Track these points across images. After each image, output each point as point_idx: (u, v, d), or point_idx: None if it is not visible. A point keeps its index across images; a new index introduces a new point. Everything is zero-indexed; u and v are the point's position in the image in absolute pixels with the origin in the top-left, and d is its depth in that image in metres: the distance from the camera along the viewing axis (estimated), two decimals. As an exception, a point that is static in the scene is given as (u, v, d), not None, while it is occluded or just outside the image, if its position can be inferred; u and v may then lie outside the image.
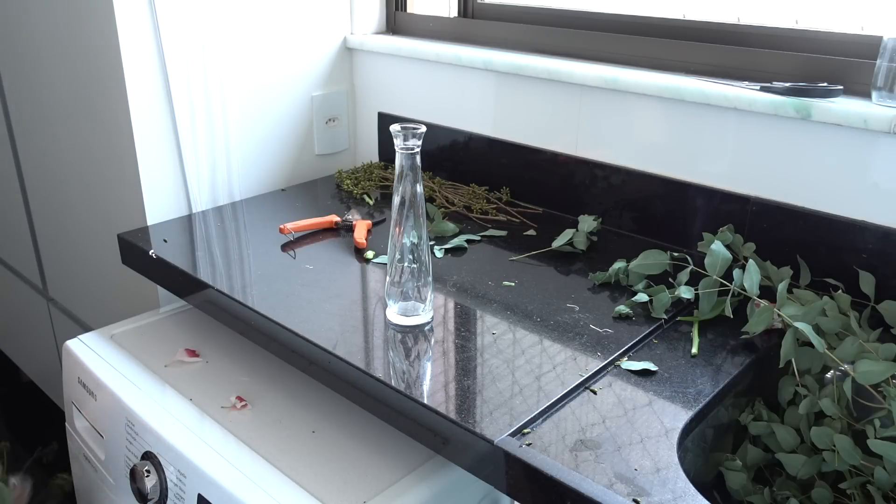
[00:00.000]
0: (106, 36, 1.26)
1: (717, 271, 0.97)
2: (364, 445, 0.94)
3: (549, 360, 0.89)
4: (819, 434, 0.83)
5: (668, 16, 1.28)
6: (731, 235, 1.08)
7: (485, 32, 1.49)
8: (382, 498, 0.86)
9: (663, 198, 1.21)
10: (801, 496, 0.85)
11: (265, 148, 1.51)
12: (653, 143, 1.21)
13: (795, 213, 1.07)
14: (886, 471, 0.77)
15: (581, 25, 1.37)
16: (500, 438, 0.74)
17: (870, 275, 0.98)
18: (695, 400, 0.82)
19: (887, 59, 0.98)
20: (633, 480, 0.70)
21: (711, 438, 0.88)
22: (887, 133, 0.97)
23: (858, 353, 0.85)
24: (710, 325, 0.97)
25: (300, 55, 1.52)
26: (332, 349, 0.90)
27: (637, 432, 0.76)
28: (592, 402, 0.82)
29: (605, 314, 1.00)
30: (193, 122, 1.35)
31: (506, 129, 1.41)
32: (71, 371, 1.16)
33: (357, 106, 1.65)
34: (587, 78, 1.25)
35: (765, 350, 0.93)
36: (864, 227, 1.01)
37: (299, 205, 1.41)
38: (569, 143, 1.32)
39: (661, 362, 0.89)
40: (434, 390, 0.83)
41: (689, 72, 1.21)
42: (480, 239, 1.24)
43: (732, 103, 1.09)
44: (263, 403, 1.02)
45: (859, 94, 1.04)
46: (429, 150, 1.52)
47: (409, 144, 0.90)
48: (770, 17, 1.18)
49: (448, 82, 1.47)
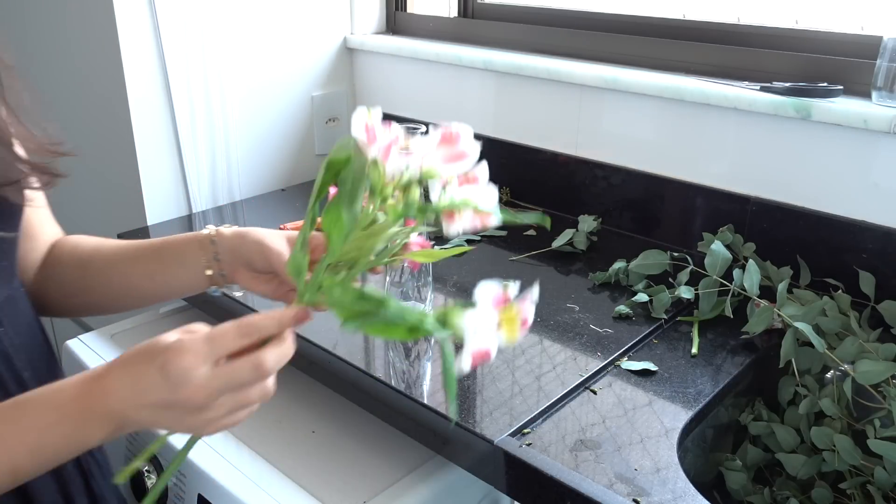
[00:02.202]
0: (106, 36, 1.26)
1: (717, 271, 0.97)
2: (364, 445, 0.94)
3: (549, 360, 0.89)
4: (819, 434, 0.83)
5: (668, 16, 1.28)
6: (731, 235, 1.08)
7: (485, 32, 1.49)
8: (382, 498, 0.86)
9: (663, 198, 1.21)
10: (801, 496, 0.85)
11: (265, 148, 1.51)
12: (653, 143, 1.21)
13: (795, 213, 1.07)
14: (886, 471, 0.77)
15: (581, 25, 1.37)
16: (500, 438, 0.74)
17: (870, 275, 0.98)
18: (695, 400, 0.82)
19: (887, 59, 0.98)
20: (633, 480, 0.70)
21: (711, 438, 0.88)
22: (887, 133, 0.97)
23: (858, 353, 0.85)
24: (710, 325, 0.97)
25: (300, 55, 1.52)
26: (332, 349, 0.90)
27: (637, 432, 0.76)
28: (592, 402, 0.82)
29: (605, 314, 1.00)
30: (193, 122, 1.35)
31: (506, 129, 1.40)
32: (71, 371, 1.15)
33: (357, 106, 1.65)
34: (587, 78, 1.24)
35: (765, 350, 0.93)
36: (864, 227, 1.01)
37: (299, 205, 1.41)
38: (569, 143, 1.32)
39: (661, 362, 0.89)
40: (434, 390, 0.83)
41: (689, 72, 1.21)
42: (480, 239, 1.24)
43: (732, 103, 1.09)
44: (263, 403, 1.02)
45: (859, 94, 1.04)
46: (429, 150, 1.52)
47: (409, 144, 0.89)
48: (770, 17, 1.18)
49: (448, 82, 1.47)
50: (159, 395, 0.51)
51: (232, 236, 0.71)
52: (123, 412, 0.51)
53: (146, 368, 0.51)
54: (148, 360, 0.51)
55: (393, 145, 0.54)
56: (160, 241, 0.74)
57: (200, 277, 0.72)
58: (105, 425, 0.52)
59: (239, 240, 0.70)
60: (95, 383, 0.52)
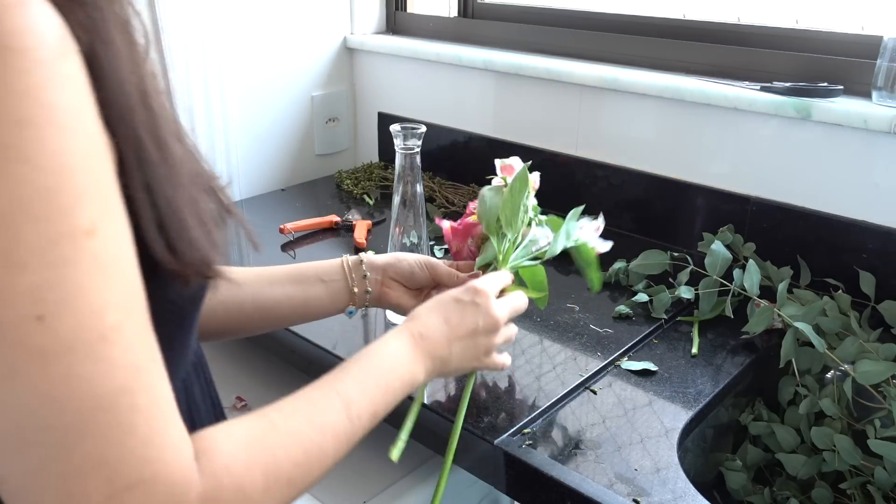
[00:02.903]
0: (106, 36, 1.26)
1: (717, 271, 0.97)
2: (364, 445, 0.94)
3: (549, 360, 0.89)
4: (819, 434, 0.83)
5: (668, 16, 1.28)
6: (731, 235, 1.08)
7: (485, 32, 1.49)
8: (382, 498, 0.86)
9: (663, 198, 1.21)
10: (801, 496, 0.85)
11: (265, 148, 1.51)
12: (653, 143, 1.21)
13: (795, 213, 1.07)
14: (886, 471, 0.77)
15: (581, 25, 1.37)
16: (500, 438, 0.74)
17: (870, 275, 0.98)
18: (695, 400, 0.82)
19: (887, 59, 0.98)
20: (633, 480, 0.70)
21: (711, 438, 0.88)
22: (887, 133, 0.97)
23: (858, 353, 0.85)
24: (710, 325, 0.97)
25: (300, 55, 1.52)
26: (332, 349, 0.90)
27: (637, 432, 0.76)
28: (592, 402, 0.82)
29: (605, 314, 1.00)
30: (193, 122, 1.35)
31: (506, 129, 1.40)
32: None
33: (357, 106, 1.65)
34: (587, 78, 1.24)
35: (765, 350, 0.93)
36: (864, 227, 1.01)
37: (299, 205, 1.41)
38: (569, 143, 1.32)
39: (661, 362, 0.89)
40: (434, 390, 0.83)
41: (689, 72, 1.21)
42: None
43: (732, 103, 1.09)
44: (263, 403, 1.02)
45: (859, 94, 1.04)
46: (429, 150, 1.52)
47: (408, 144, 0.90)
48: (770, 17, 1.18)
49: (448, 82, 1.47)
50: (471, 324, 0.66)
51: (385, 257, 0.80)
52: (439, 351, 0.64)
53: (456, 306, 0.66)
54: (453, 303, 0.67)
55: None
56: (300, 265, 0.78)
57: (341, 296, 0.77)
58: (427, 363, 0.63)
59: (394, 259, 0.80)
60: (416, 332, 0.64)
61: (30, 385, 0.35)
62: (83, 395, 0.36)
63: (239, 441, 0.44)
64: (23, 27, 0.35)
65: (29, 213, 0.35)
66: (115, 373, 0.37)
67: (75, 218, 0.36)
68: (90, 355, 0.36)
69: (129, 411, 0.37)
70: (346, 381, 0.55)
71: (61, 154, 0.35)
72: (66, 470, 0.36)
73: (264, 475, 0.44)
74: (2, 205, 0.34)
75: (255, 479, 0.44)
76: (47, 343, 0.35)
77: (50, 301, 0.35)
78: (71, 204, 0.36)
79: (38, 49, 0.35)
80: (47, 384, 0.35)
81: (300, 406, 0.51)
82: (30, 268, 0.35)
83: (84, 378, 0.36)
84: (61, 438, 0.36)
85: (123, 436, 0.37)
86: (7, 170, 0.34)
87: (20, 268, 0.34)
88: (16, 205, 0.34)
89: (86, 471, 0.36)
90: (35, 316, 0.35)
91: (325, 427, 0.51)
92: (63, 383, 0.36)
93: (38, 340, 0.35)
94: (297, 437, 0.48)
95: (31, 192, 0.35)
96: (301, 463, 0.47)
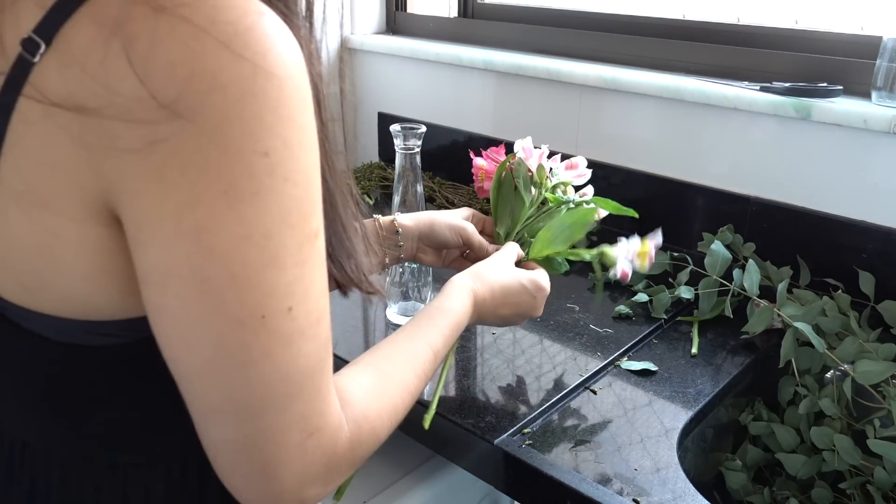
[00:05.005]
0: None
1: (717, 271, 0.97)
2: (364, 445, 0.94)
3: (549, 360, 0.89)
4: (819, 434, 0.83)
5: (668, 16, 1.28)
6: (731, 235, 1.08)
7: (485, 32, 1.49)
8: (382, 498, 0.86)
9: (663, 198, 1.21)
10: (801, 496, 0.85)
11: (265, 148, 1.51)
12: (653, 143, 1.21)
13: (795, 213, 1.07)
14: (886, 471, 0.77)
15: (581, 25, 1.37)
16: (500, 438, 0.74)
17: (870, 275, 0.98)
18: (695, 400, 0.82)
19: (887, 59, 0.98)
20: (633, 480, 0.70)
21: (711, 438, 0.88)
22: (887, 133, 0.97)
23: (858, 353, 0.85)
24: (710, 325, 0.97)
25: (300, 55, 1.52)
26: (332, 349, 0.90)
27: (637, 432, 0.76)
28: (592, 402, 0.82)
29: (605, 314, 1.00)
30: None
31: (506, 129, 1.40)
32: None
33: (357, 106, 1.65)
34: (587, 78, 1.25)
35: (765, 350, 0.93)
36: (864, 227, 1.01)
37: (299, 205, 1.41)
38: (569, 143, 1.32)
39: (661, 362, 0.89)
40: (434, 391, 0.83)
41: (689, 72, 1.21)
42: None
43: (732, 103, 1.09)
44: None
45: (859, 94, 1.04)
46: (429, 150, 1.52)
47: (409, 144, 0.90)
48: (770, 17, 1.19)
49: (448, 82, 1.47)
50: (523, 310, 0.76)
51: (419, 224, 0.84)
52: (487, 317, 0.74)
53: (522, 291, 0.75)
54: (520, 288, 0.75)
55: (542, 157, 0.90)
56: None
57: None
58: (474, 319, 0.73)
59: (428, 228, 0.84)
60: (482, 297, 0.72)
61: (272, 365, 0.43)
62: (302, 368, 0.44)
63: (369, 392, 0.53)
64: (283, 55, 0.41)
65: (286, 221, 0.42)
66: (321, 348, 0.45)
67: (311, 223, 0.44)
68: (311, 336, 0.44)
69: (322, 376, 0.46)
70: (435, 336, 0.65)
71: (307, 169, 0.43)
72: (281, 425, 0.44)
73: (390, 419, 0.54)
74: (272, 217, 0.41)
75: (384, 423, 0.53)
76: (293, 329, 0.43)
77: (296, 294, 0.43)
78: (310, 211, 0.43)
79: (295, 76, 0.41)
80: (286, 363, 0.43)
81: (407, 359, 0.61)
82: (287, 267, 0.42)
83: (304, 355, 0.44)
84: (284, 402, 0.44)
85: (317, 395, 0.46)
86: (275, 188, 0.41)
87: (281, 268, 0.42)
88: (281, 217, 0.41)
89: (291, 425, 0.44)
90: (287, 307, 0.42)
91: (423, 375, 0.61)
92: (293, 361, 0.43)
93: (287, 327, 0.43)
94: (407, 386, 0.58)
95: (290, 204, 0.42)
96: (408, 404, 0.58)
